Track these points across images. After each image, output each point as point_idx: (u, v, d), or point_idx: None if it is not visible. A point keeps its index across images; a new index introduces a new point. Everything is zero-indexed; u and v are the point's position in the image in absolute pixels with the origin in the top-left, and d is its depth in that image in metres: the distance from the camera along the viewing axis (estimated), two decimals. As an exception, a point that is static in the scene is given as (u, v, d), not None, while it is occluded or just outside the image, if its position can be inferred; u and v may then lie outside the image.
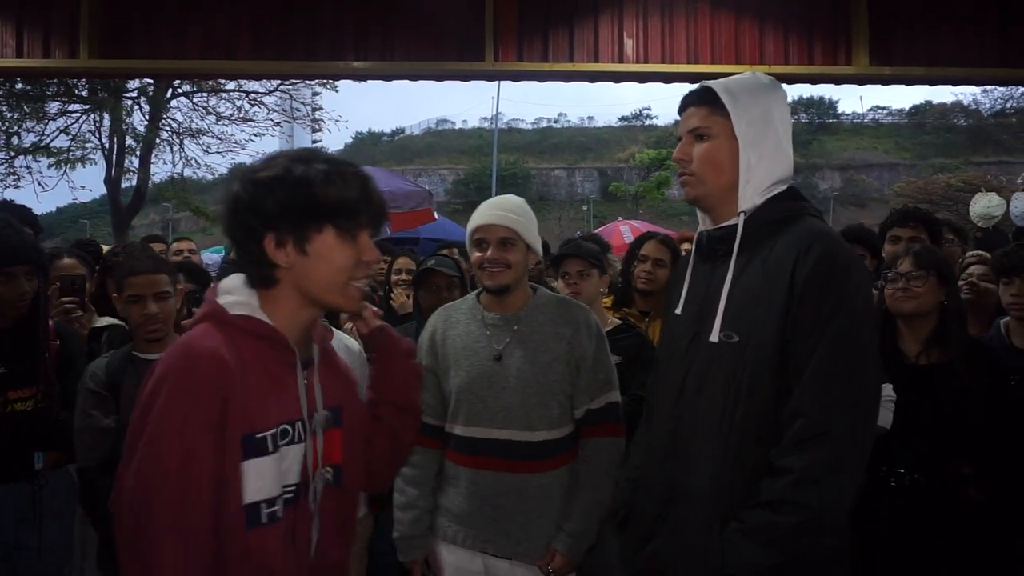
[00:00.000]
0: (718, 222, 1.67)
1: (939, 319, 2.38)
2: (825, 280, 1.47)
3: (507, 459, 2.11)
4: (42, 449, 2.41)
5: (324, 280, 1.30)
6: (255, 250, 1.27)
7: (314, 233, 1.26)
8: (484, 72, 5.03)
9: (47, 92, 14.52)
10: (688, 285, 1.72)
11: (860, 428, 1.44)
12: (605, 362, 2.24)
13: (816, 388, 1.44)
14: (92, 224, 40.00)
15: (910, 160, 41.14)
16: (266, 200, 1.24)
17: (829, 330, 1.44)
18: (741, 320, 1.55)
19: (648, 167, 38.28)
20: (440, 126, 56.87)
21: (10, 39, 4.77)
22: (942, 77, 5.17)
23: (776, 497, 1.41)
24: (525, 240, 2.20)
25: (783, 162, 1.63)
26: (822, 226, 1.60)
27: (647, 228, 10.52)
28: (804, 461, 1.40)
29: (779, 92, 1.66)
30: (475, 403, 2.14)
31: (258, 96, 16.06)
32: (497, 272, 2.16)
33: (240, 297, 1.30)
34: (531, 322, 2.20)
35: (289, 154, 1.30)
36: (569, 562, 2.10)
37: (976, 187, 21.59)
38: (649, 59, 4.93)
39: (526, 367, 2.14)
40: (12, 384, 2.34)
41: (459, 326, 2.25)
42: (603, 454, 2.16)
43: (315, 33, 4.85)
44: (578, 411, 2.19)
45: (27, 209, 3.22)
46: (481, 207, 2.27)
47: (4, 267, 2.29)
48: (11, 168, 15.44)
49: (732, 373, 1.54)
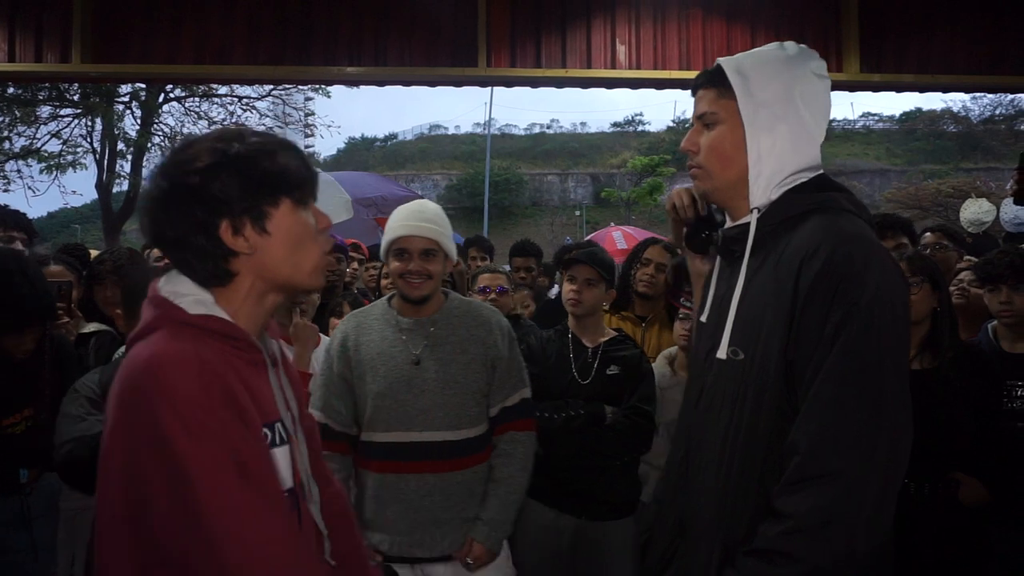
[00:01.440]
0: (735, 219, 1.46)
1: (931, 324, 2.39)
2: (831, 288, 1.23)
3: (429, 460, 2.17)
4: (28, 467, 2.42)
5: (291, 258, 1.19)
6: (207, 244, 1.14)
7: (271, 208, 1.16)
8: (477, 77, 5.05)
9: (39, 96, 14.48)
10: (713, 289, 1.53)
11: (875, 465, 1.17)
12: (518, 360, 2.35)
13: (817, 419, 1.20)
14: (83, 229, 39.79)
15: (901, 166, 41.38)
16: (212, 186, 1.12)
17: (836, 349, 1.21)
18: (747, 335, 1.36)
19: (641, 173, 38.38)
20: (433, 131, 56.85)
21: (2, 43, 4.75)
22: (932, 84, 5.22)
23: (768, 546, 1.21)
24: (444, 250, 2.25)
25: (806, 148, 1.39)
26: (841, 222, 1.32)
27: (639, 234, 10.55)
28: (801, 506, 1.18)
29: (808, 63, 1.40)
30: (395, 408, 2.17)
31: (251, 101, 16.09)
32: (420, 283, 2.21)
33: (193, 295, 1.17)
34: (446, 325, 2.26)
35: (211, 136, 1.18)
36: (488, 551, 2.18)
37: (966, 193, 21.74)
38: (642, 65, 4.96)
39: (444, 369, 2.20)
40: (7, 411, 2.36)
41: (373, 332, 2.27)
42: (519, 447, 2.28)
43: (309, 38, 4.86)
44: (493, 409, 2.29)
45: (23, 215, 3.20)
46: (399, 215, 2.29)
47: (16, 327, 2.29)
48: (2, 172, 15.36)
49: (736, 395, 1.35)
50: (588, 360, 2.72)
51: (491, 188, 28.83)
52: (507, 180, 41.88)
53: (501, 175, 40.70)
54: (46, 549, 2.50)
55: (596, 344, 2.76)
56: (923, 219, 19.38)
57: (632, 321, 3.44)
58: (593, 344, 2.75)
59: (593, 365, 2.70)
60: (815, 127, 1.40)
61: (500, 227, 31.68)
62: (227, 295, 1.19)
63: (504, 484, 2.23)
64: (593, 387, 2.67)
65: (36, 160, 15.28)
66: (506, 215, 38.82)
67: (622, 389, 2.69)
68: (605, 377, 2.69)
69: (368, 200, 6.47)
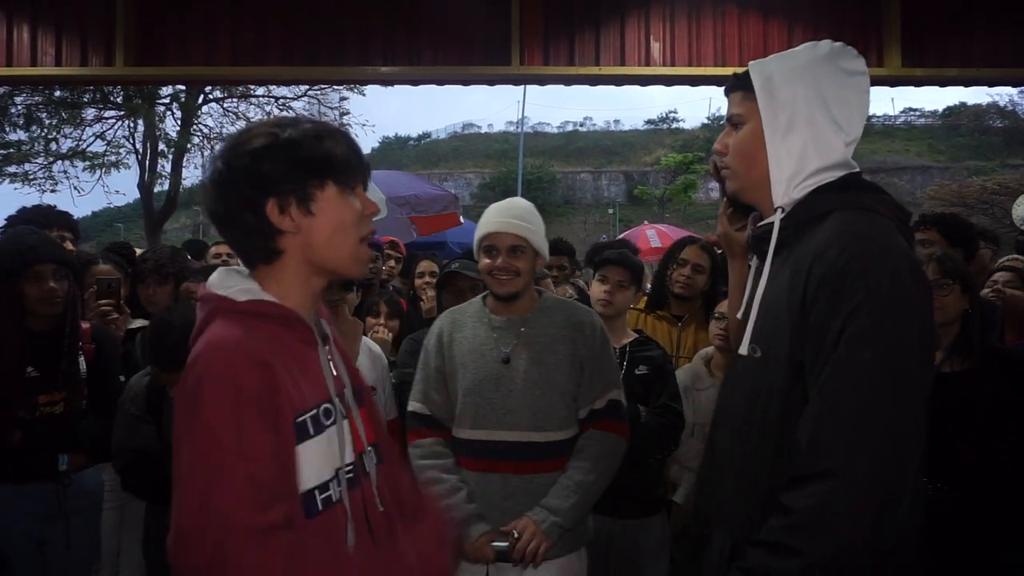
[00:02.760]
0: (766, 217, 1.49)
1: (961, 326, 2.34)
2: (836, 290, 1.25)
3: (514, 460, 2.12)
4: (67, 451, 2.46)
5: (334, 240, 1.24)
6: (255, 221, 1.20)
7: (316, 190, 1.22)
8: (510, 76, 5.04)
9: (83, 99, 14.88)
10: (749, 287, 1.55)
11: (873, 466, 1.18)
12: (609, 362, 2.27)
13: (817, 419, 1.23)
14: (125, 228, 40.80)
15: (944, 163, 40.36)
16: (262, 166, 1.19)
17: (837, 351, 1.22)
18: (765, 333, 1.39)
19: (674, 171, 38.04)
20: (466, 130, 57.10)
21: (49, 48, 4.90)
22: (977, 78, 5.05)
23: (772, 538, 1.24)
24: (534, 246, 2.22)
25: (831, 147, 1.39)
26: (857, 222, 1.32)
27: (673, 232, 10.46)
28: (799, 503, 1.21)
29: (839, 62, 1.41)
30: (482, 405, 2.15)
31: (287, 101, 16.31)
32: (507, 280, 2.18)
33: (239, 285, 1.22)
34: (537, 325, 2.22)
35: (268, 122, 1.25)
36: (536, 532, 2.03)
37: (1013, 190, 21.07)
38: (676, 62, 4.90)
39: (533, 369, 2.16)
40: (43, 388, 2.40)
41: (466, 329, 2.27)
42: (594, 444, 2.17)
43: (343, 39, 4.91)
44: (582, 411, 2.21)
45: (67, 214, 3.30)
46: (489, 212, 2.28)
47: (28, 266, 2.35)
48: (49, 173, 15.83)
49: (752, 392, 1.39)
50: (616, 361, 2.72)
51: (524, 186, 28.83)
52: (540, 178, 41.86)
53: (534, 173, 40.68)
54: (83, 546, 2.53)
55: (621, 344, 2.77)
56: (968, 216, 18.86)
57: (668, 321, 3.42)
58: (619, 344, 2.75)
59: (622, 365, 2.69)
60: (846, 125, 1.40)
61: (533, 225, 31.58)
62: (275, 275, 1.24)
63: (567, 472, 2.13)
64: (624, 388, 2.66)
65: (81, 161, 15.72)
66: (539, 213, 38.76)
67: (651, 388, 2.70)
68: (634, 377, 2.69)
69: (402, 199, 6.51)
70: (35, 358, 2.39)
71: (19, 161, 15.41)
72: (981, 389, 2.27)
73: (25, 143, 15.22)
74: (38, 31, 4.90)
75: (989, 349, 2.45)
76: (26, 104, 14.31)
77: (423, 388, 2.28)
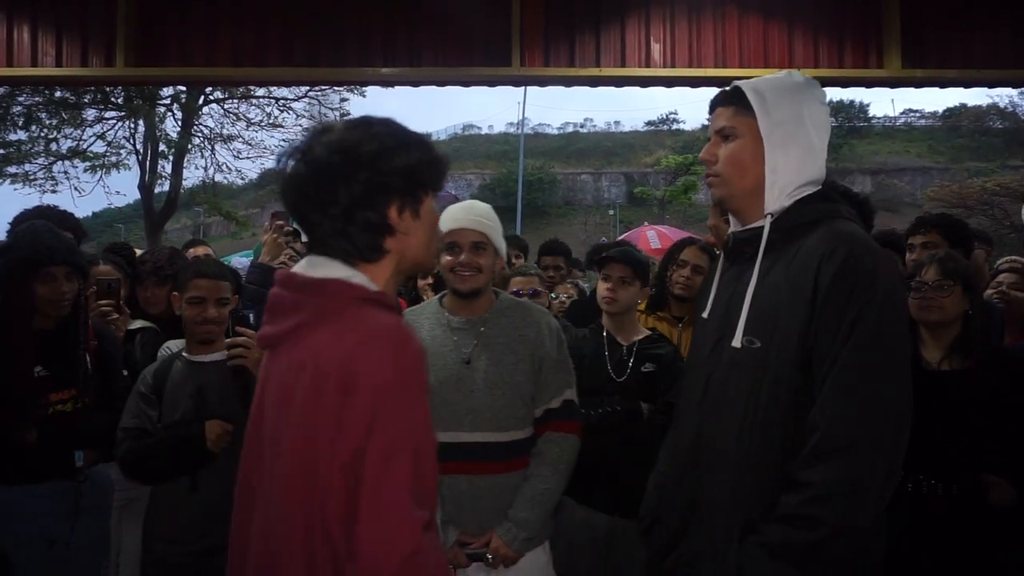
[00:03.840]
0: (746, 223, 1.63)
1: (962, 326, 2.35)
2: (849, 285, 1.40)
3: (478, 461, 2.15)
4: (81, 448, 2.46)
5: (427, 243, 1.32)
6: (374, 219, 1.22)
7: (424, 195, 1.28)
8: (511, 77, 5.05)
9: (84, 99, 14.89)
10: (716, 288, 1.68)
11: (885, 442, 1.35)
12: (565, 362, 2.31)
13: (836, 400, 1.37)
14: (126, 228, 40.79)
15: (944, 164, 40.31)
16: (391, 165, 1.21)
17: (852, 338, 1.37)
18: (764, 325, 1.50)
19: (675, 172, 38.01)
20: (466, 131, 57.05)
21: (50, 48, 4.91)
22: (977, 79, 5.05)
23: (794, 512, 1.35)
24: (495, 245, 2.25)
25: (813, 165, 1.56)
26: (851, 229, 1.51)
27: (673, 233, 10.46)
28: (823, 475, 1.34)
29: (814, 91, 1.59)
30: (444, 407, 2.16)
31: (287, 102, 16.34)
32: (469, 276, 2.21)
33: (357, 276, 1.23)
34: (496, 325, 2.25)
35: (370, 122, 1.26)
36: (506, 547, 2.11)
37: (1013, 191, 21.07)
38: (676, 63, 4.91)
39: (492, 369, 2.19)
40: (54, 386, 2.41)
41: (423, 330, 2.27)
42: (553, 448, 2.22)
43: (343, 40, 4.91)
44: (538, 410, 2.25)
45: (70, 215, 3.30)
46: (451, 211, 2.31)
47: (43, 267, 2.36)
48: (49, 173, 15.83)
49: (754, 380, 1.48)
50: (623, 357, 2.71)
51: (524, 187, 28.85)
52: (540, 179, 41.83)
53: (534, 174, 40.66)
54: (94, 543, 2.53)
55: (631, 342, 2.76)
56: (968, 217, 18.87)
57: (668, 322, 3.42)
58: (627, 342, 2.75)
59: (628, 362, 2.70)
60: (820, 147, 1.58)
61: (533, 227, 31.63)
62: (374, 272, 1.26)
63: (530, 482, 2.19)
64: (629, 384, 2.67)
65: (82, 161, 15.72)
66: (539, 214, 38.76)
67: (657, 386, 2.69)
68: (640, 374, 2.69)
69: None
70: (43, 357, 2.39)
71: (19, 161, 15.41)
72: (980, 388, 2.27)
73: (25, 143, 15.22)
74: (38, 31, 4.90)
75: (989, 348, 2.45)
76: (26, 104, 14.31)
77: None
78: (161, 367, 2.43)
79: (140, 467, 2.32)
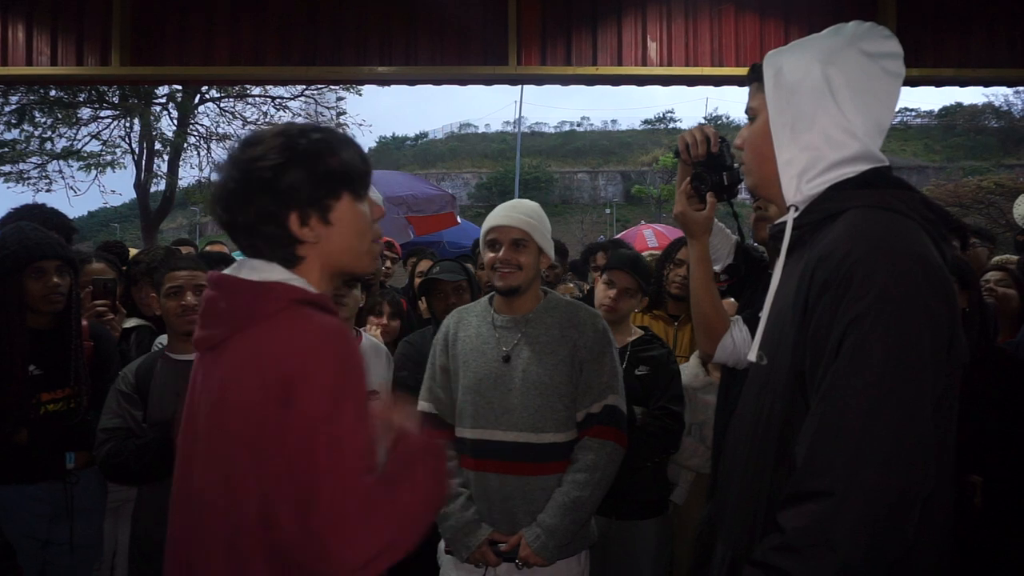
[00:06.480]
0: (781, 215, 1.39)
1: None
2: (836, 297, 1.14)
3: (511, 461, 2.11)
4: (73, 449, 2.45)
5: (351, 246, 1.30)
6: (277, 232, 1.24)
7: (333, 201, 1.26)
8: (507, 76, 5.04)
9: (79, 98, 14.84)
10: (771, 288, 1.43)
11: (879, 486, 1.07)
12: (609, 366, 2.20)
13: (815, 434, 1.12)
14: (121, 227, 40.70)
15: (939, 163, 40.45)
16: (283, 180, 1.21)
17: (839, 359, 1.12)
18: (770, 340, 1.31)
19: (672, 170, 38.06)
20: (463, 130, 57.07)
21: (45, 47, 4.89)
22: (973, 78, 5.07)
23: (765, 560, 1.16)
24: (537, 243, 2.21)
25: (846, 139, 1.26)
26: (869, 222, 1.19)
27: (670, 232, 10.45)
28: (793, 521, 1.12)
29: (861, 46, 1.29)
30: (481, 404, 2.14)
31: (283, 101, 16.27)
32: (508, 273, 2.17)
33: (296, 279, 1.25)
34: (540, 324, 2.20)
35: (278, 131, 1.27)
36: (534, 554, 2.05)
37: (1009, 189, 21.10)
38: (673, 62, 4.91)
39: (532, 368, 2.14)
40: (46, 386, 2.39)
41: (470, 327, 2.26)
42: (588, 454, 2.13)
43: (340, 39, 4.90)
44: (579, 414, 2.17)
45: (61, 214, 3.29)
46: (497, 209, 2.29)
47: (32, 262, 2.35)
48: (44, 172, 15.78)
49: (757, 401, 1.32)
50: (619, 367, 2.70)
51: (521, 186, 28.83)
52: (537, 178, 41.85)
53: (531, 173, 40.68)
54: (87, 545, 2.52)
55: (624, 344, 2.73)
56: (964, 216, 18.91)
57: (664, 320, 3.42)
58: (620, 344, 2.72)
59: (622, 366, 2.68)
60: (866, 115, 1.27)
61: (530, 225, 31.58)
62: (306, 276, 1.27)
63: (563, 488, 2.10)
64: None
65: (77, 160, 15.66)
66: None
67: (651, 390, 2.67)
68: (634, 378, 2.66)
69: (399, 199, 6.51)
70: (37, 356, 2.38)
71: (14, 160, 15.35)
72: (976, 385, 2.27)
73: (20, 142, 15.16)
74: (34, 30, 4.88)
75: (990, 348, 2.45)
76: (20, 103, 14.26)
77: (429, 386, 2.29)
78: (143, 366, 2.40)
79: (125, 469, 2.25)
